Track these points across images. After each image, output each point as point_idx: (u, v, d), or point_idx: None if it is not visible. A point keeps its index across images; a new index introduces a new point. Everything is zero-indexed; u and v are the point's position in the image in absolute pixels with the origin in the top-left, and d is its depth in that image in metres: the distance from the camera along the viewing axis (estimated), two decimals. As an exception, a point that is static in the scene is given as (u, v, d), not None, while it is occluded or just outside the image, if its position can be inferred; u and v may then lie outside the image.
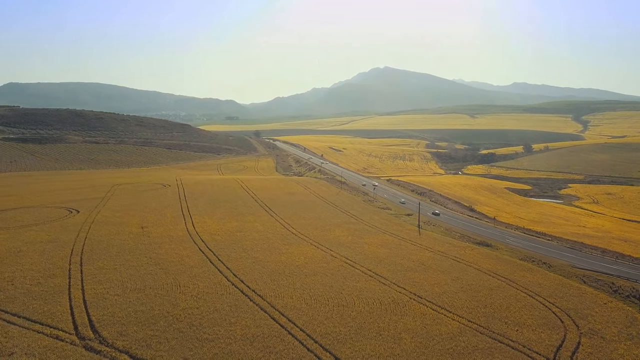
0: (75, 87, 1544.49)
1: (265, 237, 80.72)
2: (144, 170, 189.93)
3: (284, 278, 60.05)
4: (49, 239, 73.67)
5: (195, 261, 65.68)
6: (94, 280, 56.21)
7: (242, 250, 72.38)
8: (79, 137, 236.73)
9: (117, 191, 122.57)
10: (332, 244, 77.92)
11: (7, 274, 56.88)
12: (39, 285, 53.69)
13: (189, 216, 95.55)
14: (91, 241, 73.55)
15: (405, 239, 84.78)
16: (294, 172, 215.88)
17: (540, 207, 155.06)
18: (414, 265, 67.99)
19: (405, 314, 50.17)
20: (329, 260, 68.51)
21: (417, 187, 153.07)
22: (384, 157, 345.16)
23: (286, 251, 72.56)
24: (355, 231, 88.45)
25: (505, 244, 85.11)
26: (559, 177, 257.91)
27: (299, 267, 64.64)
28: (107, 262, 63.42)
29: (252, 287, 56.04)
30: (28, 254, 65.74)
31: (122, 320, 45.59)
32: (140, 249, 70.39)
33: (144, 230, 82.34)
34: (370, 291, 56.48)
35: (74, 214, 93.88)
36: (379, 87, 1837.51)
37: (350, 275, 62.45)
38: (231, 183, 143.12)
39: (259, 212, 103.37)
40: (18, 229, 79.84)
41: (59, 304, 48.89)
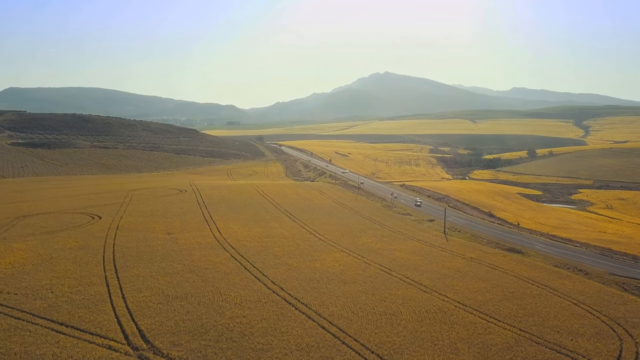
0: (75, 92, 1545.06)
1: (294, 244, 79.90)
2: (156, 175, 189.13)
3: (323, 285, 59.21)
4: (78, 246, 72.86)
5: (230, 268, 64.84)
6: (133, 288, 55.34)
7: (274, 256, 71.56)
8: (87, 142, 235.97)
9: (134, 197, 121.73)
10: (362, 251, 77.12)
11: (45, 282, 56.06)
12: (79, 293, 52.85)
13: (212, 222, 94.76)
14: (120, 248, 72.75)
15: (434, 245, 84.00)
16: (303, 177, 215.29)
17: (556, 212, 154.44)
18: (451, 273, 67.16)
19: (455, 323, 49.32)
20: (364, 268, 67.70)
21: (433, 192, 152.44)
22: (390, 161, 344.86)
23: (318, 258, 71.74)
24: (382, 238, 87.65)
25: (535, 250, 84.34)
26: (568, 183, 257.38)
27: (336, 275, 63.81)
28: (141, 269, 62.59)
29: (293, 295, 55.18)
30: (60, 260, 64.93)
31: (172, 330, 44.71)
32: (172, 256, 69.57)
33: (170, 237, 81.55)
34: (414, 299, 55.64)
35: (96, 220, 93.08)
36: (379, 92, 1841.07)
37: (388, 282, 61.61)
38: (247, 188, 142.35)
39: (282, 217, 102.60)
40: (44, 235, 79.06)
41: (104, 312, 48.04)
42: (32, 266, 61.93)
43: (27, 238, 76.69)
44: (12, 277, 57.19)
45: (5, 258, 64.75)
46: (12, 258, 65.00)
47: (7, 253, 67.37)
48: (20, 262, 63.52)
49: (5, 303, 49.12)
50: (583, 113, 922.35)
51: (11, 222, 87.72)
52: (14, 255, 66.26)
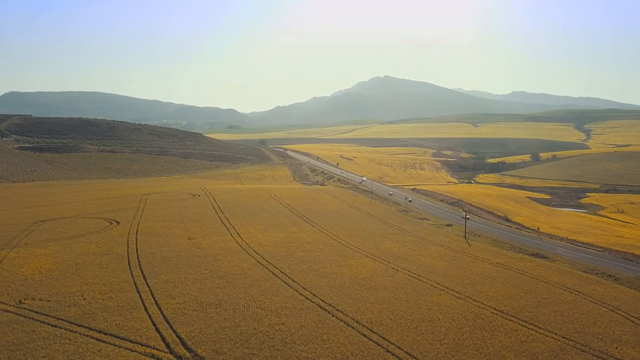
0: (76, 96, 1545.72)
1: (317, 249, 79.21)
2: (165, 179, 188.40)
3: (356, 292, 58.49)
4: (101, 251, 72.11)
5: (259, 274, 64.11)
6: (165, 294, 54.59)
7: (300, 262, 70.85)
8: (94, 146, 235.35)
9: (148, 201, 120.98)
10: (387, 256, 76.43)
11: (75, 288, 55.32)
12: (112, 300, 52.11)
13: (231, 227, 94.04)
14: (144, 253, 72.01)
15: (458, 250, 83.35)
16: (311, 180, 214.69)
17: (569, 216, 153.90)
18: (480, 278, 66.48)
19: (495, 330, 48.61)
20: (392, 274, 66.99)
21: (446, 196, 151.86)
22: (395, 165, 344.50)
23: (345, 263, 71.03)
24: (404, 243, 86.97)
25: (559, 255, 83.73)
26: (575, 186, 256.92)
27: (366, 281, 63.10)
28: (170, 275, 61.85)
29: (327, 301, 54.44)
30: (86, 266, 64.19)
31: (213, 338, 43.95)
32: (197, 262, 68.84)
33: (192, 242, 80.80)
34: (449, 306, 54.93)
35: (114, 225, 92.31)
36: (380, 96, 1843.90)
37: (420, 288, 60.91)
38: (260, 193, 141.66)
39: (299, 222, 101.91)
40: (65, 240, 78.30)
41: (140, 320, 47.28)
42: (59, 272, 61.18)
43: (48, 243, 75.94)
44: (41, 284, 56.44)
45: (31, 264, 64.01)
46: (37, 264, 64.26)
47: (31, 259, 66.63)
48: (46, 268, 62.78)
49: (39, 310, 48.37)
50: (584, 116, 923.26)
51: (30, 227, 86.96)
52: (38, 261, 65.52)
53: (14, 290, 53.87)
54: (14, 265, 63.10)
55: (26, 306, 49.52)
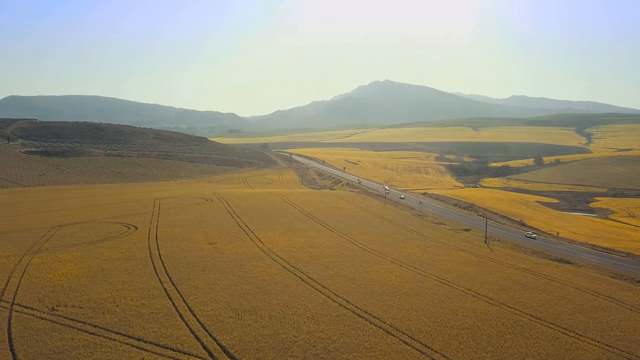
0: (76, 100, 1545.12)
1: (340, 254, 78.50)
2: (174, 184, 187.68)
3: (388, 298, 57.76)
4: (125, 257, 71.32)
5: (287, 280, 63.37)
6: (198, 301, 53.82)
7: (326, 267, 70.12)
8: (101, 150, 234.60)
9: (162, 206, 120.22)
10: (412, 261, 75.76)
11: (105, 294, 54.53)
12: (145, 307, 51.32)
13: (250, 232, 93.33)
14: (168, 258, 71.22)
15: (481, 255, 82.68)
16: (319, 185, 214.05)
17: (581, 221, 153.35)
18: (510, 284, 65.80)
19: (537, 338, 47.88)
20: (421, 280, 66.28)
21: (458, 200, 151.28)
22: (400, 169, 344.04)
23: (371, 269, 70.32)
24: (426, 248, 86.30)
25: (583, 260, 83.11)
26: (582, 191, 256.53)
27: (396, 287, 62.38)
28: (198, 281, 61.08)
29: (362, 308, 53.73)
30: (112, 272, 63.39)
31: (254, 346, 43.19)
32: (223, 267, 68.09)
33: (214, 247, 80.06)
34: (485, 312, 54.24)
35: (132, 230, 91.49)
36: (380, 100, 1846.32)
37: (452, 295, 60.21)
38: (272, 197, 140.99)
39: (317, 227, 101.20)
40: (86, 246, 77.50)
41: (178, 327, 46.51)
42: (87, 278, 60.39)
43: (70, 248, 75.12)
44: (71, 290, 55.64)
45: (57, 270, 63.21)
46: (63, 270, 63.46)
47: (56, 264, 65.84)
48: (72, 273, 61.97)
49: (74, 317, 47.59)
50: (584, 121, 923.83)
51: (48, 232, 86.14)
52: (64, 267, 64.73)
53: (44, 296, 53.05)
54: (39, 271, 62.30)
55: (60, 313, 48.74)
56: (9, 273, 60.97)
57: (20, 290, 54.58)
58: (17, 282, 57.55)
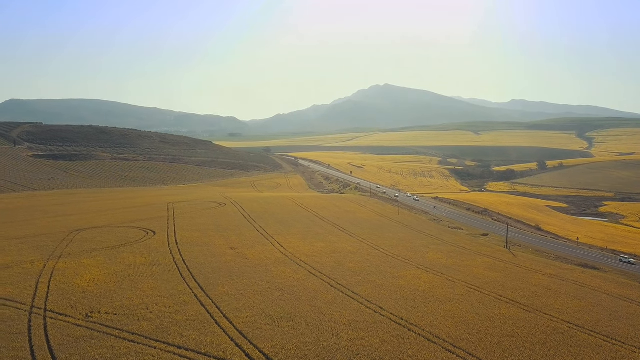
0: (76, 104, 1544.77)
1: (364, 260, 77.78)
2: (183, 187, 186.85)
3: (422, 305, 57.02)
4: (149, 262, 70.51)
5: (316, 285, 62.61)
6: (231, 307, 53.02)
7: (352, 273, 69.38)
8: (107, 153, 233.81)
9: (176, 210, 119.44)
10: (438, 267, 75.07)
11: (137, 301, 53.73)
12: (179, 314, 50.52)
13: (269, 236, 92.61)
14: (193, 264, 70.44)
15: (505, 261, 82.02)
16: (327, 189, 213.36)
17: (593, 225, 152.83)
18: (541, 291, 65.11)
19: (581, 346, 47.16)
20: (450, 286, 65.58)
21: (471, 205, 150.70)
22: (404, 173, 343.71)
23: (398, 275, 69.60)
24: (448, 253, 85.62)
25: (608, 266, 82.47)
26: (589, 195, 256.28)
27: (427, 293, 61.65)
28: (227, 287, 60.31)
29: (397, 315, 52.97)
30: (139, 278, 62.58)
31: (297, 354, 42.42)
32: (250, 273, 67.32)
33: (237, 252, 79.29)
34: (522, 319, 53.51)
35: (150, 234, 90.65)
36: (380, 104, 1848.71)
37: (485, 301, 59.49)
38: (285, 201, 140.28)
39: (336, 232, 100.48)
40: (107, 251, 76.70)
41: (216, 334, 45.72)
42: (115, 284, 59.58)
43: (91, 254, 74.30)
44: (101, 296, 54.84)
45: (83, 275, 62.41)
46: (89, 275, 62.66)
47: (81, 270, 65.01)
48: (100, 279, 61.16)
49: (110, 324, 46.79)
50: (585, 125, 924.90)
51: (67, 237, 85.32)
52: (89, 272, 63.92)
53: (76, 303, 52.26)
54: (66, 277, 61.50)
55: (94, 319, 47.95)
56: (36, 278, 60.19)
57: (51, 297, 53.79)
58: (46, 288, 56.76)
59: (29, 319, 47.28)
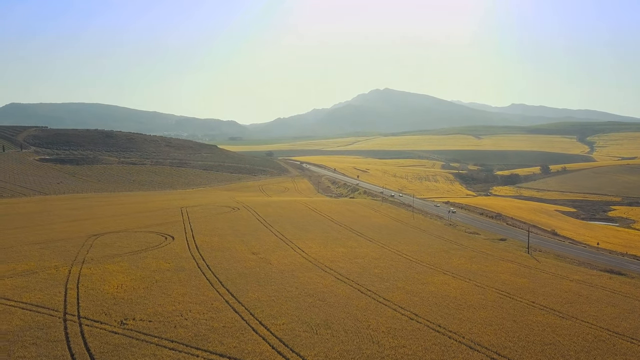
0: (77, 108, 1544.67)
1: (389, 265, 77.04)
2: (192, 192, 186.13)
3: (456, 311, 56.23)
4: (173, 267, 69.74)
5: (346, 292, 61.82)
6: (265, 314, 52.25)
7: (380, 279, 68.62)
8: (114, 157, 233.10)
9: (190, 214, 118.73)
10: (464, 273, 74.31)
11: (169, 307, 52.96)
12: (214, 320, 49.73)
13: (288, 241, 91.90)
14: (218, 269, 69.67)
15: (529, 266, 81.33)
16: (335, 193, 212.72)
17: (606, 230, 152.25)
18: (573, 297, 64.37)
19: (625, 354, 46.34)
20: (481, 292, 64.81)
21: (484, 210, 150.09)
22: (409, 177, 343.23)
23: (426, 281, 68.86)
24: (471, 258, 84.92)
25: (634, 272, 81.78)
26: (596, 199, 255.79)
27: (458, 299, 60.88)
28: (258, 293, 59.53)
29: (434, 322, 52.18)
30: (167, 284, 61.76)
31: (342, 363, 41.70)
32: (277, 279, 66.52)
33: (259, 257, 78.55)
34: (561, 327, 52.72)
35: (169, 239, 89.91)
36: (380, 108, 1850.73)
37: (518, 308, 58.71)
38: (297, 206, 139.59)
39: (354, 237, 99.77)
40: (129, 256, 75.92)
41: (256, 342, 44.93)
42: (144, 290, 58.80)
43: (114, 259, 73.54)
44: (132, 302, 54.06)
45: (110, 281, 61.63)
46: (115, 281, 61.88)
47: (107, 275, 64.24)
48: (127, 285, 60.38)
49: (147, 331, 46.02)
50: (586, 129, 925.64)
51: (86, 242, 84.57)
52: (115, 278, 63.14)
53: (109, 309, 51.48)
54: (93, 282, 60.74)
55: (130, 327, 47.17)
56: (64, 284, 59.44)
57: (82, 303, 53.02)
58: (75, 294, 56.00)
59: (65, 326, 46.53)
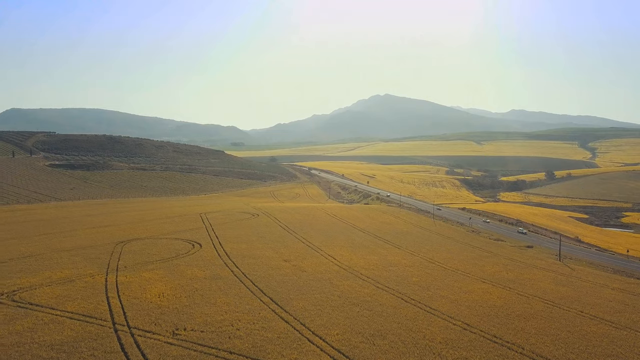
0: (77, 113, 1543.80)
1: (424, 273, 75.99)
2: (205, 198, 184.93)
3: (507, 321, 55.07)
4: (210, 275, 68.55)
5: (390, 300, 60.65)
6: (315, 324, 51.03)
7: (420, 288, 67.51)
8: (123, 163, 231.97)
9: (211, 221, 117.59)
10: (502, 281, 73.28)
11: (218, 316, 51.73)
12: (267, 330, 48.52)
13: (316, 248, 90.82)
14: (256, 277, 68.46)
15: (565, 274, 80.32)
16: (347, 199, 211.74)
17: (624, 237, 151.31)
18: (619, 306, 63.34)
19: (692, 365, 45.42)
20: (525, 301, 63.71)
21: (502, 216, 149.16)
22: (417, 183, 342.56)
23: (467, 289, 67.74)
24: (505, 266, 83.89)
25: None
26: (606, 205, 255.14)
27: (504, 308, 59.73)
28: (302, 302, 58.31)
29: (488, 332, 51.06)
30: (208, 292, 60.48)
31: (409, 375, 40.55)
32: (317, 287, 65.35)
33: (292, 265, 77.40)
34: (618, 338, 51.61)
35: (197, 247, 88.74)
36: (380, 113, 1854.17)
37: (569, 317, 57.61)
38: (316, 212, 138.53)
39: (381, 244, 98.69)
40: (162, 264, 74.72)
41: (316, 354, 43.66)
42: (186, 299, 57.59)
43: (147, 266, 72.32)
44: (178, 312, 52.83)
45: (150, 289, 60.40)
46: (156, 289, 60.66)
47: (145, 283, 63.01)
48: (168, 293, 59.17)
49: (203, 342, 44.78)
50: (587, 135, 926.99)
51: (114, 249, 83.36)
52: (155, 287, 61.91)
53: (157, 319, 50.25)
54: (133, 291, 59.51)
55: (183, 337, 45.94)
56: (104, 293, 58.21)
57: (128, 312, 51.77)
58: (118, 303, 54.76)
59: (118, 337, 45.28)
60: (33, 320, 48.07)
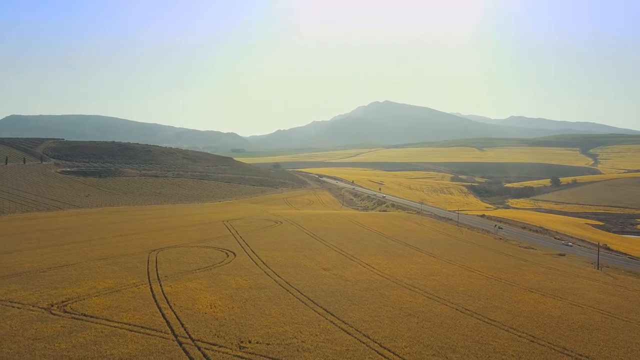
0: (77, 120, 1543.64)
1: (469, 282, 74.62)
2: (221, 205, 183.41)
3: (571, 333, 53.69)
4: (255, 285, 67.05)
5: (446, 311, 59.23)
6: (379, 336, 49.52)
7: (471, 298, 66.06)
8: (135, 170, 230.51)
9: (237, 229, 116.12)
10: (550, 290, 71.92)
11: (278, 328, 50.17)
12: (333, 343, 46.93)
13: (351, 257, 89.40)
14: (300, 287, 66.99)
15: (609, 283, 79.15)
16: (360, 206, 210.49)
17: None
18: (677, 316, 62.11)
19: None
20: (581, 311, 62.33)
21: (525, 223, 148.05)
22: (425, 189, 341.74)
23: (517, 299, 66.37)
24: (545, 274, 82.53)
25: None
26: (619, 212, 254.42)
27: (563, 319, 58.39)
28: (358, 312, 56.87)
29: (557, 344, 49.65)
30: (259, 302, 58.90)
31: (495, 390, 39.15)
32: (366, 297, 63.95)
33: (332, 274, 75.95)
34: (688, 348, 50.43)
35: (231, 255, 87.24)
36: (379, 120, 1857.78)
37: (632, 329, 56.41)
38: (338, 219, 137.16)
39: (415, 252, 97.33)
40: (202, 272, 73.22)
41: (390, 368, 42.41)
42: (240, 309, 56.09)
43: (188, 275, 70.83)
44: (236, 323, 51.29)
45: (200, 300, 58.91)
46: (205, 299, 59.17)
47: (192, 293, 61.50)
48: (219, 303, 57.65)
49: (273, 356, 43.27)
50: (587, 141, 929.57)
51: (150, 258, 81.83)
52: (203, 297, 60.41)
53: (218, 331, 48.78)
54: (182, 301, 58.01)
55: (251, 350, 44.48)
56: (154, 303, 56.68)
57: (186, 324, 50.27)
58: (173, 314, 53.27)
59: (184, 350, 43.84)
60: (93, 332, 46.61)
